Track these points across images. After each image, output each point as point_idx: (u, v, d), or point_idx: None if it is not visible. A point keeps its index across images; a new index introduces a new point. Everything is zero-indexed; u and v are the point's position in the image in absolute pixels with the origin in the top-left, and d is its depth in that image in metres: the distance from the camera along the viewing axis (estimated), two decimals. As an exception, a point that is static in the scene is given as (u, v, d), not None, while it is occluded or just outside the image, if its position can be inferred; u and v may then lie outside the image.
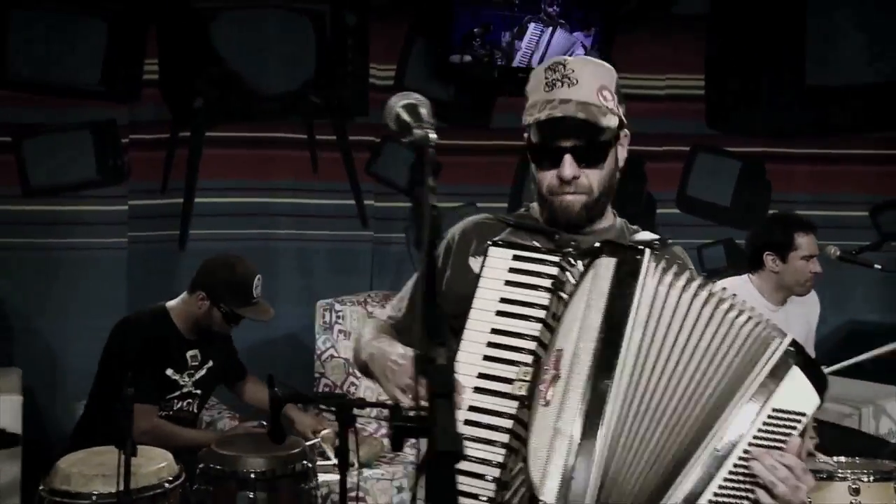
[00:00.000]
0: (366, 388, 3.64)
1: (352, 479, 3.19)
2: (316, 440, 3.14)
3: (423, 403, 1.47)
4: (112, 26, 4.14)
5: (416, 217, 1.16)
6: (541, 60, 4.22)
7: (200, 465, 2.71)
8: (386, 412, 3.58)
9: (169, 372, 3.18)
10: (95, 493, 2.46)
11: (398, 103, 1.41)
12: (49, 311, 4.13)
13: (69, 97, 4.12)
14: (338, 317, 3.74)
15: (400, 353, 1.60)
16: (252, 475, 2.65)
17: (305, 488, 2.72)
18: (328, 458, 3.06)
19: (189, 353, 3.24)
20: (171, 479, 2.57)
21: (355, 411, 2.34)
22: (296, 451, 2.75)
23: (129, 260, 4.20)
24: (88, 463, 2.58)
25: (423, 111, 1.40)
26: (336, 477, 2.99)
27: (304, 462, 2.75)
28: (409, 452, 3.57)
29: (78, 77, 4.13)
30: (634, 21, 4.38)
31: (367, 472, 3.25)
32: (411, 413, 1.21)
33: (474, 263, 1.69)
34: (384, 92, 4.44)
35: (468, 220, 1.79)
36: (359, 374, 1.87)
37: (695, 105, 4.54)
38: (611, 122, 1.64)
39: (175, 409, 3.21)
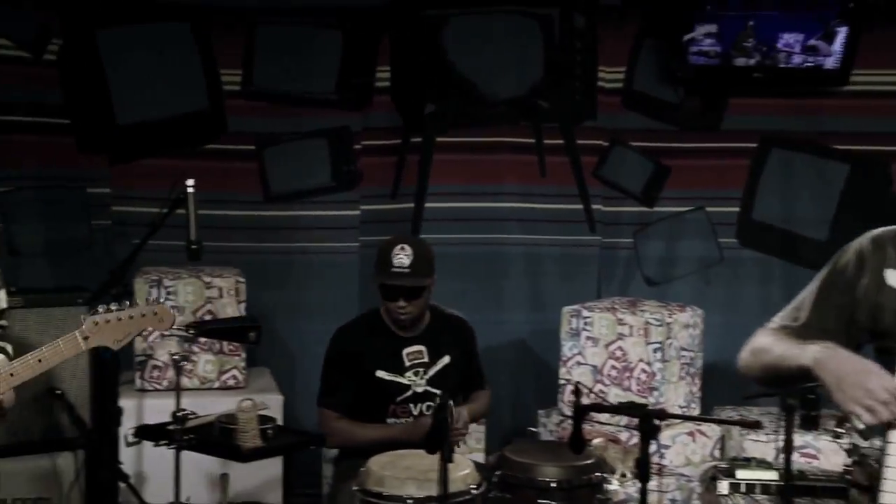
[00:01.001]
0: (615, 396, 3.59)
1: (626, 490, 3.16)
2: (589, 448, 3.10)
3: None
4: (347, 36, 4.24)
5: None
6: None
7: (498, 473, 2.72)
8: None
9: (381, 374, 3.04)
10: (410, 497, 2.50)
11: None
12: (287, 312, 4.26)
13: (306, 106, 4.26)
14: (586, 323, 3.69)
15: (860, 370, 1.55)
16: (552, 484, 2.64)
17: (601, 499, 2.69)
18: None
19: (407, 351, 3.08)
20: (475, 485, 2.59)
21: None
22: (592, 461, 2.73)
23: (361, 264, 4.28)
24: (397, 466, 2.63)
25: None
26: (611, 486, 2.97)
27: (600, 473, 2.72)
28: (667, 463, 3.50)
29: (314, 86, 4.26)
30: (882, 15, 4.16)
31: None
32: None
33: (891, 276, 1.66)
34: (612, 95, 4.39)
35: (880, 230, 1.74)
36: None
37: (948, 101, 4.28)
38: None
39: (414, 413, 3.04)
